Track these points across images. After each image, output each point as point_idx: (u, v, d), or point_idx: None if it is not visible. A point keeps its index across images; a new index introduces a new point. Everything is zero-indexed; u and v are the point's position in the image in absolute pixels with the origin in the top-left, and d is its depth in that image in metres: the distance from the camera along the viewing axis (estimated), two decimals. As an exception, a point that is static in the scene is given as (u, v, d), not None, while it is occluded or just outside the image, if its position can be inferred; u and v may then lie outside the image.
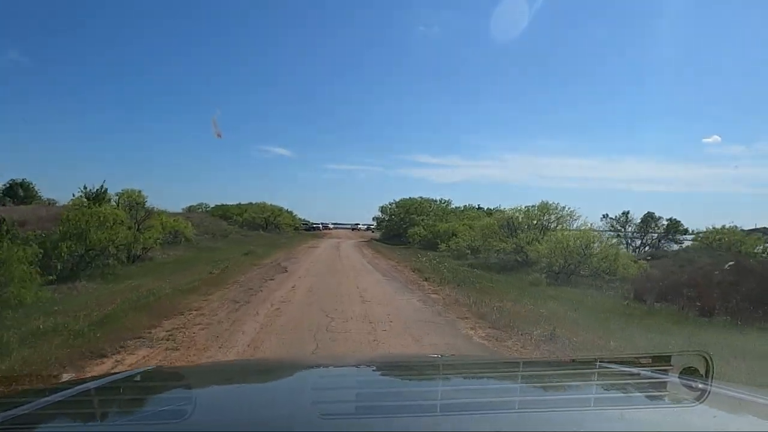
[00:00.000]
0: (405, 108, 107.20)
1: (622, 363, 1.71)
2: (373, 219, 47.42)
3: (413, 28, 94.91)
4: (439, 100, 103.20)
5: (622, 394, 1.37)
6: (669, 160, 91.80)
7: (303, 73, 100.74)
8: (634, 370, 1.62)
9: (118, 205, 17.68)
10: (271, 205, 50.07)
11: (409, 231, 34.60)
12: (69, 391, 1.28)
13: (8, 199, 35.96)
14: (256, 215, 48.06)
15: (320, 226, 67.80)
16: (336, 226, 77.53)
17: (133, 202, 19.24)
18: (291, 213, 56.61)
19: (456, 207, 40.88)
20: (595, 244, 15.63)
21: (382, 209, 44.85)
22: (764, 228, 24.34)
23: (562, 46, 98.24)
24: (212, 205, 52.35)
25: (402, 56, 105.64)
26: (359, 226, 77.68)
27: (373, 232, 69.71)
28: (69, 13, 78.27)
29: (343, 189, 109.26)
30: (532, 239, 18.32)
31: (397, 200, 43.81)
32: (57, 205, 27.80)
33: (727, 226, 21.10)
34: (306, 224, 63.65)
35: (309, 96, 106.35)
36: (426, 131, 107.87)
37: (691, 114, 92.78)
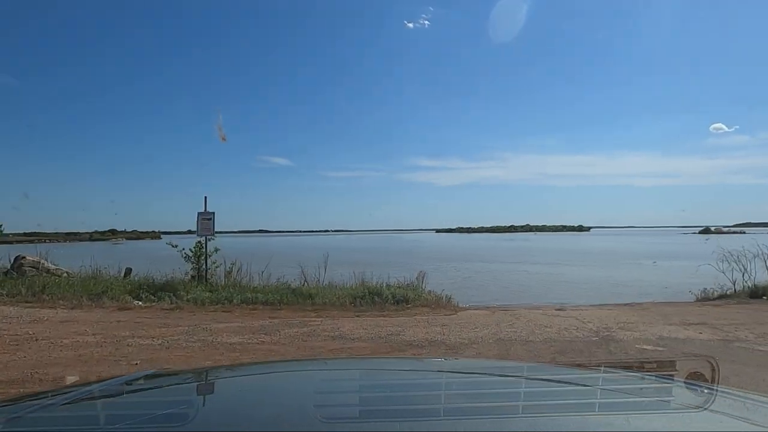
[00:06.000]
0: (404, 111, 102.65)
1: (626, 368, 1.77)
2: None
3: (409, 30, 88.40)
4: (438, 102, 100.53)
5: (628, 399, 1.31)
6: (673, 153, 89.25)
7: (298, 81, 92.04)
8: (639, 375, 1.61)
9: None
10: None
11: None
12: (70, 394, 1.26)
13: None
14: None
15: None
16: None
17: None
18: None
19: None
20: None
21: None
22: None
23: (561, 41, 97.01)
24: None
25: (399, 59, 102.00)
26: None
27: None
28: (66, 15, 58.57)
29: (348, 196, 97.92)
30: None
31: None
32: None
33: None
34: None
35: (308, 105, 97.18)
36: (426, 134, 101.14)
37: (693, 106, 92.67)
